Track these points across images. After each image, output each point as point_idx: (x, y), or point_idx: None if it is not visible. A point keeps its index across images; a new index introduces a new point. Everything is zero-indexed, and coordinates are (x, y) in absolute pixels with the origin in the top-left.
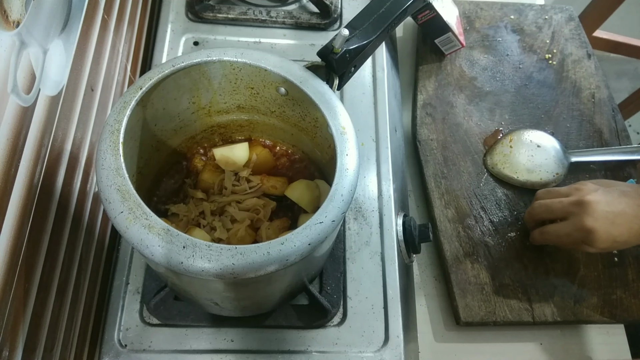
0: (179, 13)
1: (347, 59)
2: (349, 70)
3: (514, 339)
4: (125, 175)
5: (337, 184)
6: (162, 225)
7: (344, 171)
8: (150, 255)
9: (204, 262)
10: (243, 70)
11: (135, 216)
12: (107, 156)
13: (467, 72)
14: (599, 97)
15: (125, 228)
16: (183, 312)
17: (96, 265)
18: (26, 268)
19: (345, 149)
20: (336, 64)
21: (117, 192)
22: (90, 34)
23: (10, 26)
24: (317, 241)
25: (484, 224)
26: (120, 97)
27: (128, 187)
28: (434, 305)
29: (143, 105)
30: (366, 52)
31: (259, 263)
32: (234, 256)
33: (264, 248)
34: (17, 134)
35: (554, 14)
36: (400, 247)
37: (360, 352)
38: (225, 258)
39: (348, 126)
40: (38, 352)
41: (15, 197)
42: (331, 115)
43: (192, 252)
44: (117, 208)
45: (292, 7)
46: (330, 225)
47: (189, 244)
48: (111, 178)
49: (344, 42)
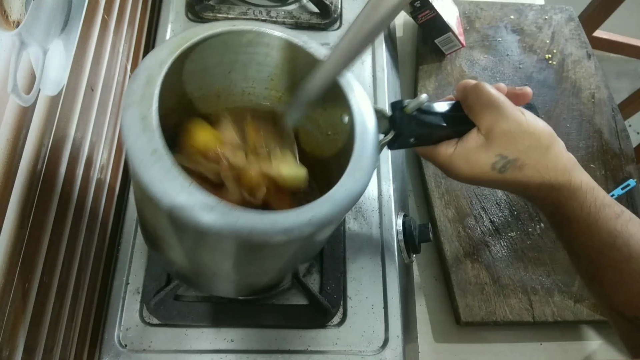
0: (179, 13)
1: (412, 125)
2: (408, 138)
3: (514, 339)
4: (155, 107)
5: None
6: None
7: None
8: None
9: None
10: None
11: (169, 177)
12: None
13: (467, 72)
14: (599, 97)
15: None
16: (183, 312)
17: (96, 265)
18: (26, 268)
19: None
20: (399, 123)
21: (140, 121)
22: (90, 34)
23: (10, 26)
24: (344, 209)
25: (484, 223)
26: (155, 49)
27: (153, 120)
28: (434, 305)
29: (190, 56)
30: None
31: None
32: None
33: (292, 214)
34: (17, 134)
35: (554, 14)
36: (400, 247)
37: (360, 352)
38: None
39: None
40: (38, 352)
41: (15, 197)
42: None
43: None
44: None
45: (292, 7)
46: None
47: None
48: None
49: (416, 107)
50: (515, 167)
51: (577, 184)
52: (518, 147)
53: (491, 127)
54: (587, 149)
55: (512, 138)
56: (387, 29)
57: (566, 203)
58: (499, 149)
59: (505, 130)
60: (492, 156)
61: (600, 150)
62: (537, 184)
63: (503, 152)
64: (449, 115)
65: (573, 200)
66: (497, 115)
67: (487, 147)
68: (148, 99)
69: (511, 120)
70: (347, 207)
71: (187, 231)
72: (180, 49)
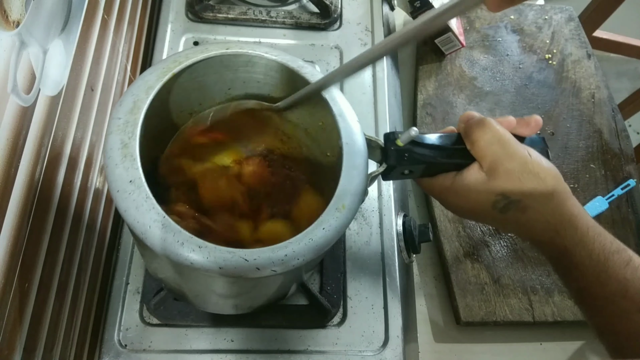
0: (179, 13)
1: (404, 158)
2: (401, 170)
3: (514, 339)
4: (137, 134)
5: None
6: (167, 221)
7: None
8: (152, 247)
9: (203, 259)
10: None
11: (144, 208)
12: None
13: (467, 72)
14: (599, 97)
15: (132, 217)
16: (183, 312)
17: (96, 265)
18: (26, 268)
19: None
20: (391, 156)
21: (121, 148)
22: (90, 34)
23: (10, 26)
24: (315, 252)
25: None
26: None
27: (134, 149)
28: (434, 305)
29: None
30: (426, 168)
31: (260, 265)
32: (194, 249)
33: (262, 253)
34: (17, 134)
35: (554, 14)
36: (400, 247)
37: (360, 352)
38: (224, 258)
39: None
40: (38, 352)
41: (15, 197)
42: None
43: (191, 248)
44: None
45: (292, 7)
46: (335, 232)
47: (188, 241)
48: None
49: (408, 140)
50: (518, 208)
51: (584, 230)
52: (522, 188)
53: (495, 165)
54: (587, 149)
55: (516, 178)
56: (388, 29)
57: (573, 250)
58: (501, 189)
59: (510, 170)
60: (494, 195)
61: (600, 150)
62: (541, 228)
63: (505, 192)
64: (447, 149)
65: (581, 248)
66: (502, 153)
67: (488, 186)
68: (131, 126)
69: (516, 159)
70: (325, 246)
71: (161, 260)
72: (169, 73)
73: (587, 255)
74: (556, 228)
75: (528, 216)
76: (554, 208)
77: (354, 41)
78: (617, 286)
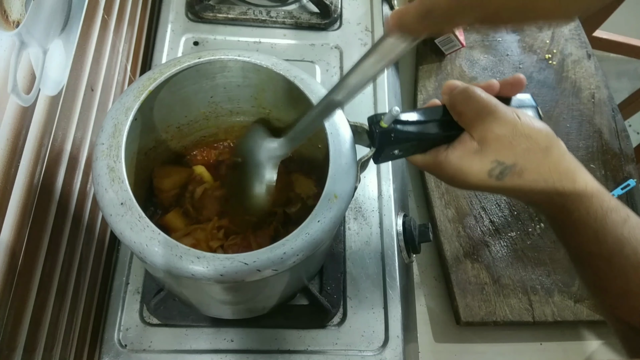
0: (179, 13)
1: (390, 138)
2: (390, 151)
3: (514, 339)
4: (122, 157)
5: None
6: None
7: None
8: (152, 264)
9: (203, 269)
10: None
11: (138, 228)
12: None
13: (467, 72)
14: (599, 97)
15: (128, 238)
16: (183, 312)
17: (96, 265)
18: (26, 268)
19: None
20: (377, 138)
21: (108, 173)
22: (90, 34)
23: (10, 26)
24: (313, 246)
25: (484, 223)
26: (121, 95)
27: (121, 171)
28: (434, 305)
29: (162, 92)
30: (415, 144)
31: (260, 267)
32: (194, 260)
33: (260, 254)
34: (17, 134)
35: None
36: (400, 247)
37: (360, 352)
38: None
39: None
40: (38, 352)
41: (15, 197)
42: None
43: (190, 260)
44: (116, 215)
45: (292, 7)
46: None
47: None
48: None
49: (391, 120)
50: (514, 172)
51: (582, 187)
52: (515, 151)
53: (485, 133)
54: (587, 149)
55: (508, 142)
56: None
57: (572, 208)
58: (494, 155)
59: (500, 135)
60: (488, 163)
61: (600, 150)
62: (540, 189)
63: (499, 158)
64: (433, 122)
65: (579, 204)
66: (490, 121)
67: (481, 154)
68: (115, 150)
69: (505, 124)
70: (322, 239)
71: (164, 274)
72: (145, 91)
73: (585, 211)
74: (554, 186)
75: (525, 178)
76: (550, 166)
77: (354, 41)
78: (614, 244)
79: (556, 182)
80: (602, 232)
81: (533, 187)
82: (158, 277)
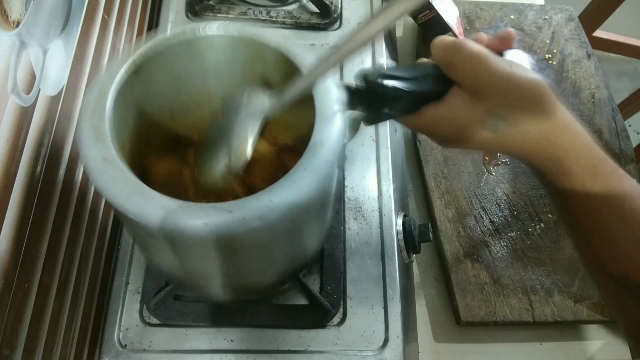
0: (179, 13)
1: (379, 93)
2: (380, 109)
3: (514, 339)
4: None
5: (318, 129)
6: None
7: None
8: (136, 218)
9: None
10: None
11: (119, 181)
12: (94, 96)
13: None
14: (599, 97)
15: (111, 194)
16: (183, 312)
17: (96, 265)
18: (26, 268)
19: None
20: (364, 93)
21: (92, 132)
22: (90, 34)
23: (10, 26)
24: (302, 198)
25: (484, 223)
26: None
27: (104, 130)
28: (434, 305)
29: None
30: (405, 101)
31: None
32: (176, 210)
33: (245, 201)
34: (17, 133)
35: (554, 14)
36: (400, 247)
37: (360, 352)
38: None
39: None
40: (38, 352)
41: (15, 196)
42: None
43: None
44: (99, 170)
45: (292, 7)
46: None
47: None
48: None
49: (380, 74)
50: (508, 123)
51: (574, 136)
52: (508, 101)
53: (476, 84)
54: None
55: (500, 92)
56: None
57: (563, 156)
58: (486, 105)
59: (492, 84)
60: (480, 114)
61: None
62: (534, 139)
63: (492, 108)
64: (423, 77)
65: (570, 153)
66: (481, 70)
67: (473, 105)
68: (100, 111)
69: (497, 74)
70: (310, 189)
71: (144, 232)
72: (130, 58)
73: (575, 160)
74: (547, 135)
75: (519, 129)
76: (543, 115)
77: None
78: (601, 194)
79: (548, 131)
80: (591, 182)
81: (526, 138)
82: (141, 239)
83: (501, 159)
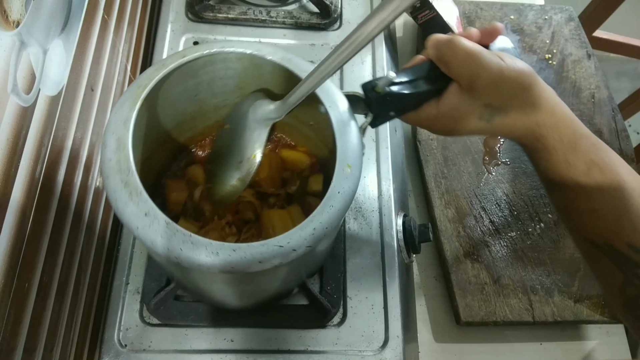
0: (179, 13)
1: (387, 101)
2: (386, 113)
3: (514, 339)
4: (133, 169)
5: (335, 183)
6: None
7: (342, 169)
8: (193, 266)
9: (203, 257)
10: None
11: (166, 234)
12: (113, 149)
13: None
14: (599, 97)
15: (161, 246)
16: (183, 312)
17: (96, 265)
18: (26, 268)
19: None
20: (374, 104)
21: (124, 187)
22: (90, 34)
23: (10, 26)
24: (338, 218)
25: (484, 223)
26: (126, 89)
27: (136, 183)
28: (434, 305)
29: (152, 98)
30: (409, 103)
31: (295, 246)
32: (231, 254)
33: (292, 234)
34: (17, 133)
35: (554, 14)
36: (400, 247)
37: (360, 352)
38: (261, 252)
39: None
40: (38, 352)
41: (15, 197)
42: (331, 106)
43: (227, 253)
44: (143, 227)
45: (292, 7)
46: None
47: (221, 248)
48: (117, 171)
49: (387, 84)
50: (502, 113)
51: (558, 116)
52: (502, 94)
53: (472, 80)
54: None
55: (495, 86)
56: (387, 29)
57: (547, 135)
58: (483, 100)
59: (487, 80)
60: (478, 107)
61: None
62: (522, 124)
63: (487, 101)
64: (423, 78)
65: (554, 131)
66: (477, 67)
67: (471, 101)
68: (124, 163)
69: (491, 69)
70: (345, 208)
71: (192, 271)
72: (139, 99)
73: (558, 137)
74: (536, 119)
75: (511, 117)
76: (533, 101)
77: None
78: (583, 167)
79: (537, 115)
80: (573, 157)
81: (517, 124)
82: (194, 278)
83: (501, 159)
